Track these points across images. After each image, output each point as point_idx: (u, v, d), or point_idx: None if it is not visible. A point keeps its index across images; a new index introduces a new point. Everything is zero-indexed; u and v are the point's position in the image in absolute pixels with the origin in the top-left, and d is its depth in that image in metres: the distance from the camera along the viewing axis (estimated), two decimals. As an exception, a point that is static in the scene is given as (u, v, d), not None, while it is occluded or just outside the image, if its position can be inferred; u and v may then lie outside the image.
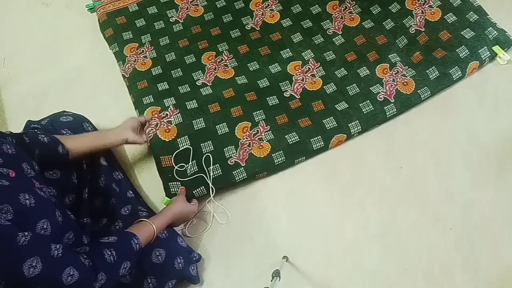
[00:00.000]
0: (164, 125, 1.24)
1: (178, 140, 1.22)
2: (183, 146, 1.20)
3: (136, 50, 1.43)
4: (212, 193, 1.14)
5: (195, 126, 1.24)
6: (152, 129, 1.23)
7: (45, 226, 0.73)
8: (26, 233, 0.67)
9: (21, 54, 1.54)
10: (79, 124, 1.14)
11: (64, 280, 0.70)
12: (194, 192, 1.15)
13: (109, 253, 0.81)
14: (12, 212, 0.68)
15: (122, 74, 1.39)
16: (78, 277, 0.72)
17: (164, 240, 0.99)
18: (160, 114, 1.27)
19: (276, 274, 0.95)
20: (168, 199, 1.14)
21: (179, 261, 0.98)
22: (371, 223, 1.11)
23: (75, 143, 0.99)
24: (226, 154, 1.20)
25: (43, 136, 0.93)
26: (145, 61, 1.40)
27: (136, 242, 0.87)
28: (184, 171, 1.17)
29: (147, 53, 1.42)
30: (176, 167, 1.17)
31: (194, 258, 1.05)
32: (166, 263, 0.96)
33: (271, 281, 0.94)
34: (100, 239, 0.85)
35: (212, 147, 1.21)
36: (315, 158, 1.21)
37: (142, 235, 0.90)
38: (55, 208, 0.79)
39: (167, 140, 1.22)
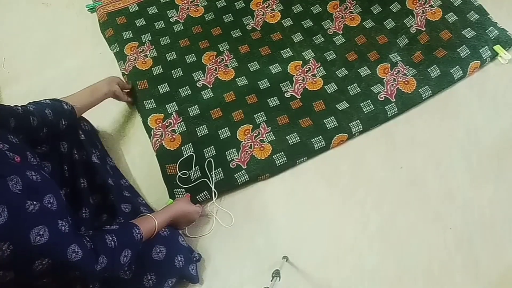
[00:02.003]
0: (168, 134, 1.25)
1: (182, 148, 1.22)
2: (187, 153, 1.21)
3: (137, 49, 1.43)
4: (215, 197, 1.15)
5: (198, 134, 1.25)
6: (157, 139, 1.23)
7: (51, 201, 0.74)
8: (35, 202, 0.69)
9: (21, 54, 1.54)
10: (59, 104, 1.08)
11: (68, 255, 0.71)
12: (197, 197, 1.15)
13: (110, 238, 0.82)
14: (21, 184, 0.70)
15: (122, 72, 1.39)
16: (82, 255, 0.73)
17: (165, 238, 0.99)
18: (164, 123, 1.27)
19: (276, 274, 0.95)
20: (172, 200, 1.14)
21: (179, 259, 0.98)
22: (371, 223, 1.11)
23: (74, 100, 1.07)
24: (228, 157, 1.20)
25: (43, 100, 1.00)
26: (145, 60, 1.40)
27: (137, 232, 0.88)
28: (187, 178, 1.17)
29: (148, 52, 1.42)
30: (179, 174, 1.17)
31: (194, 258, 1.06)
32: (166, 260, 0.96)
33: (271, 281, 0.94)
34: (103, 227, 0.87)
35: (214, 151, 1.21)
36: (315, 159, 1.21)
37: (144, 227, 0.91)
38: (59, 188, 0.81)
39: (172, 149, 1.22)
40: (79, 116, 1.11)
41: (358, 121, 1.22)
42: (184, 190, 1.16)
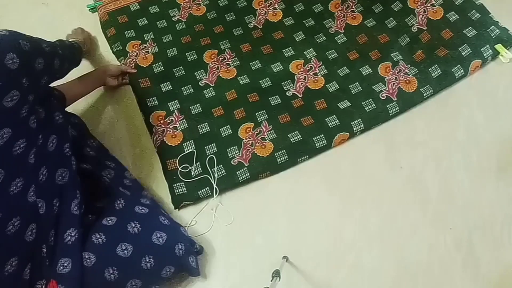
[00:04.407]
0: (170, 131, 1.25)
1: (183, 144, 1.23)
2: (188, 150, 1.22)
3: (139, 46, 1.43)
4: (216, 194, 1.15)
5: (200, 131, 1.25)
6: (159, 136, 1.24)
7: None
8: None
9: (23, 54, 1.53)
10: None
11: None
12: (199, 192, 1.16)
13: None
14: None
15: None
16: None
17: (166, 226, 1.00)
18: (165, 120, 1.27)
19: (276, 274, 0.96)
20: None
21: (180, 247, 0.98)
22: (371, 223, 1.11)
23: (63, 89, 1.08)
24: (229, 155, 1.20)
25: None
26: (146, 55, 1.40)
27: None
28: (188, 172, 1.18)
29: (149, 48, 1.42)
30: (180, 168, 1.18)
31: (196, 250, 1.05)
32: (166, 246, 0.96)
33: (271, 281, 0.94)
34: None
35: (215, 149, 1.22)
36: (315, 158, 1.21)
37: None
38: None
39: (173, 145, 1.23)
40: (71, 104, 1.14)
41: (360, 120, 1.22)
42: (184, 184, 1.16)
